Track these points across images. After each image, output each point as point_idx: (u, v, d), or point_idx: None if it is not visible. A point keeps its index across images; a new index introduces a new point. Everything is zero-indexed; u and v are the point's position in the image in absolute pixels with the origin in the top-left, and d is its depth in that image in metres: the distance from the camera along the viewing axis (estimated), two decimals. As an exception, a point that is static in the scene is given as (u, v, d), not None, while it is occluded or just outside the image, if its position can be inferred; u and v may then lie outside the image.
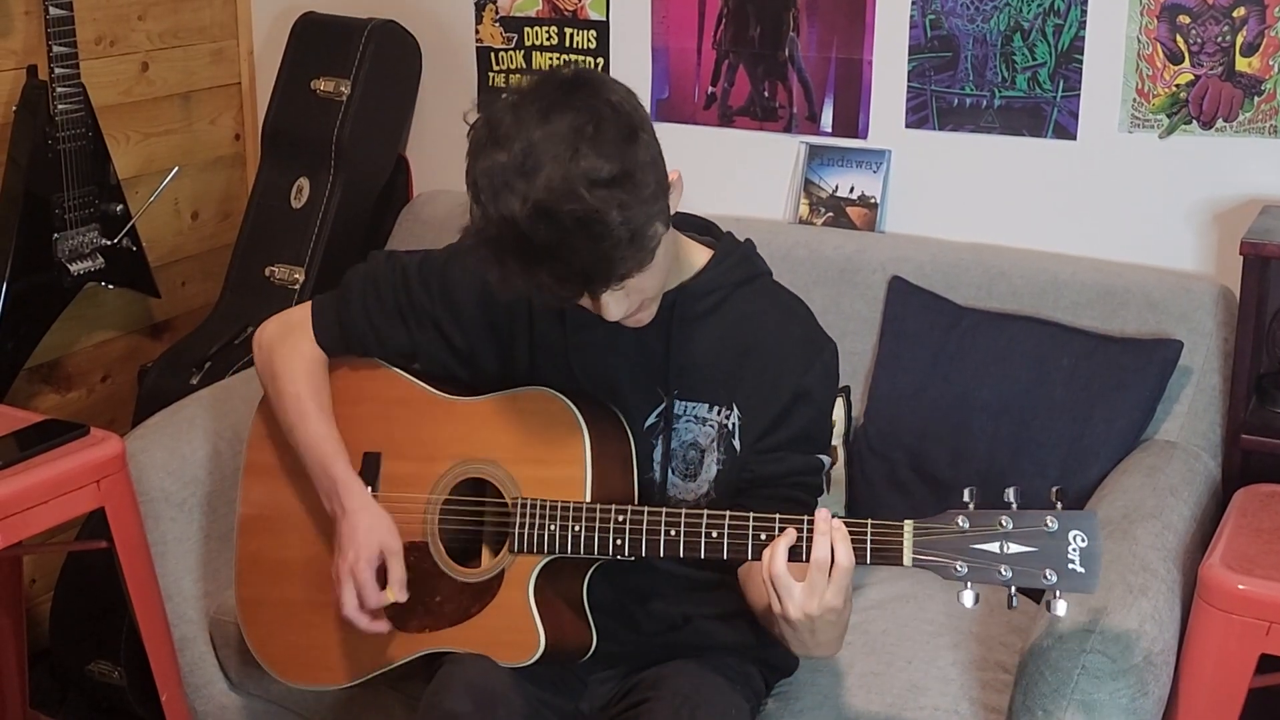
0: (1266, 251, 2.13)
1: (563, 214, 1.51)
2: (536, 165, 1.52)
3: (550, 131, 1.53)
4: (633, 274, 1.60)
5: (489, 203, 1.54)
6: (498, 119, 1.56)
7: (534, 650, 1.76)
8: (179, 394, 2.52)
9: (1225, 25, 2.35)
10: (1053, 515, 1.51)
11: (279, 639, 2.01)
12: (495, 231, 1.55)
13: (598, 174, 1.52)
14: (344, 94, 2.87)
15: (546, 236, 1.52)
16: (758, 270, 1.86)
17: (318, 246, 2.88)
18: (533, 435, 1.80)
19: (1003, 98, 2.52)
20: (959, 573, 1.54)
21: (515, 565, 1.79)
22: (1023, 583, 1.52)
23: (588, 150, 1.52)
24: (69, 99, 2.57)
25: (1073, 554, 1.50)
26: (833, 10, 2.61)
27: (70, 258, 2.64)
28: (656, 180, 1.59)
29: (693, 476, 1.82)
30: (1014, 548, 1.52)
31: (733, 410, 1.80)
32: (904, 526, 1.57)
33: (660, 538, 1.69)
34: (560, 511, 1.75)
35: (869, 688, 1.97)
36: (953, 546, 1.54)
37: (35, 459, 2.08)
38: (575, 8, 2.82)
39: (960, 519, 1.55)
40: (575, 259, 1.54)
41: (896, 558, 1.57)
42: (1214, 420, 2.28)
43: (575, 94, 1.56)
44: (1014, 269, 2.42)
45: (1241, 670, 1.82)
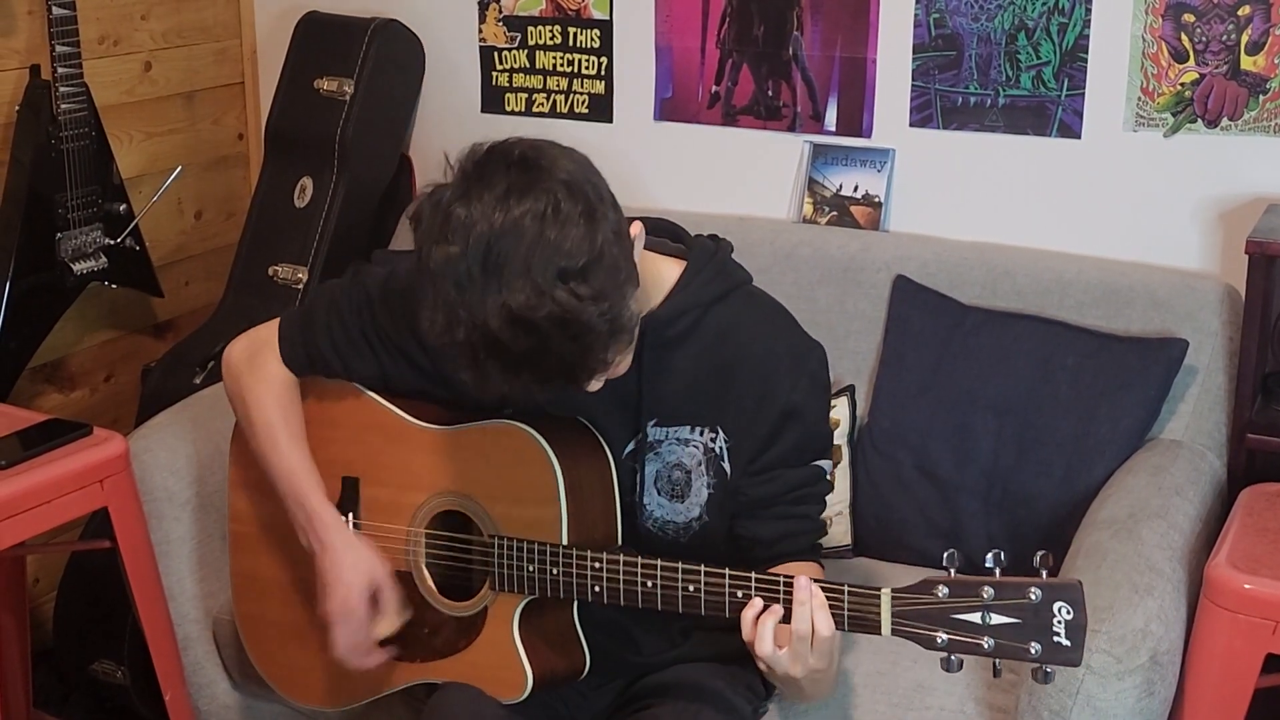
0: (1272, 250, 2.13)
1: (538, 321, 1.44)
2: (500, 262, 1.44)
3: (509, 221, 1.45)
4: (615, 360, 1.55)
5: (457, 306, 1.46)
6: (447, 209, 1.48)
7: (522, 689, 1.74)
8: (182, 393, 2.52)
9: (1230, 24, 2.34)
10: (1036, 586, 1.45)
11: (281, 656, 2.00)
12: (465, 336, 1.47)
13: (567, 266, 1.45)
14: (347, 93, 2.87)
15: (526, 344, 1.45)
16: (734, 281, 1.78)
17: (321, 246, 2.88)
18: (505, 472, 1.75)
19: (1007, 96, 2.51)
20: (940, 643, 1.49)
21: (498, 602, 1.77)
22: (1006, 655, 1.47)
23: (552, 238, 1.45)
24: (72, 98, 2.57)
25: (1057, 626, 1.44)
26: (837, 9, 2.61)
27: (73, 257, 2.63)
28: (623, 254, 1.52)
29: (680, 498, 1.77)
30: (996, 619, 1.47)
31: (718, 433, 1.75)
32: (881, 596, 1.52)
33: (637, 589, 1.66)
34: (538, 554, 1.71)
35: (874, 687, 1.97)
36: (933, 617, 1.49)
37: (38, 459, 2.08)
38: (579, 7, 2.82)
39: (940, 588, 1.49)
40: (559, 359, 1.48)
41: (874, 627, 1.53)
42: (1219, 419, 2.28)
43: (526, 174, 1.48)
44: (1019, 268, 2.42)
45: (1247, 670, 1.82)
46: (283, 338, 1.89)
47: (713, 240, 1.82)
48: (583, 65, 2.85)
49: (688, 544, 1.79)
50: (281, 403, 1.87)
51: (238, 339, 1.95)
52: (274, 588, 1.98)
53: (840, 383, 2.41)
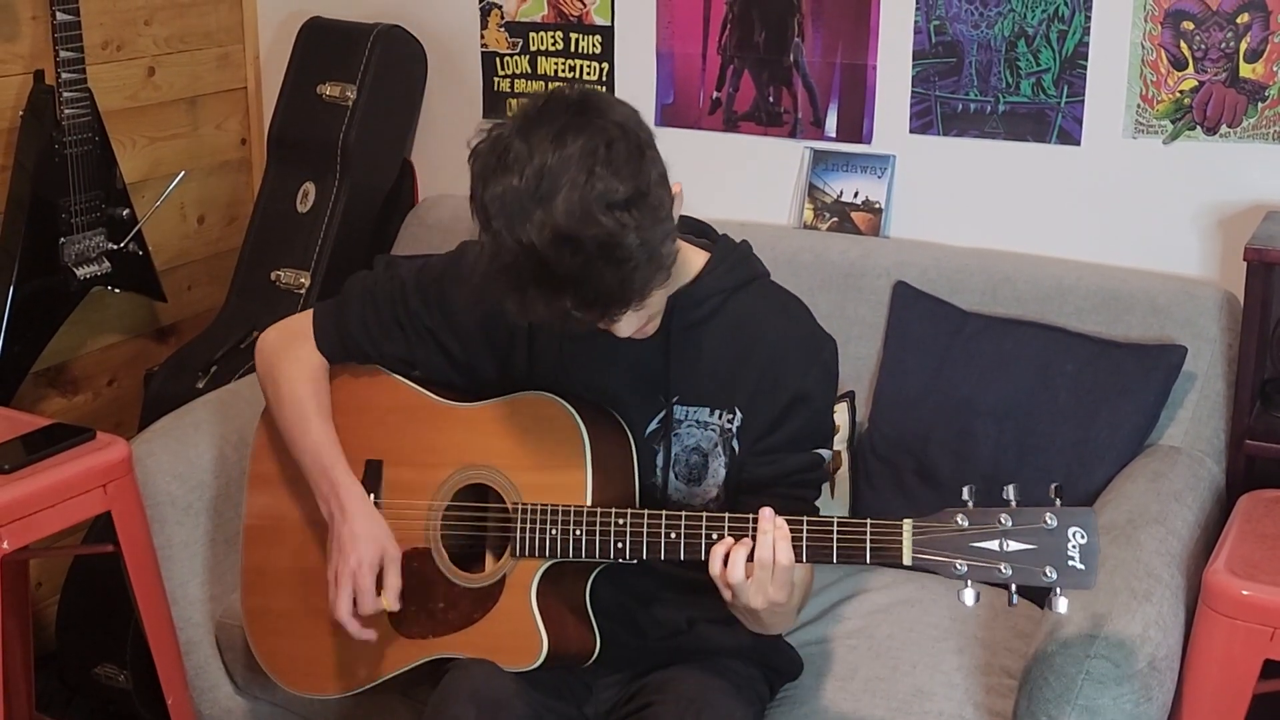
0: (1270, 257, 2.14)
1: (585, 239, 1.51)
2: (552, 189, 1.51)
3: (563, 155, 1.53)
4: (652, 293, 1.61)
5: (504, 230, 1.53)
6: (505, 143, 1.56)
7: (537, 655, 1.77)
8: (185, 398, 2.52)
9: (1229, 31, 2.35)
10: (1051, 512, 1.51)
11: (286, 649, 2.01)
12: (512, 259, 1.54)
13: (614, 196, 1.52)
14: (350, 99, 2.88)
15: (570, 263, 1.52)
16: (755, 272, 1.86)
17: (323, 251, 2.89)
18: (533, 440, 1.80)
19: (1007, 103, 2.52)
20: (959, 571, 1.54)
21: (517, 570, 1.80)
22: (1022, 580, 1.52)
23: (602, 172, 1.52)
24: (76, 104, 2.58)
25: (1072, 550, 1.50)
26: (837, 15, 2.62)
27: (76, 262, 2.64)
28: (666, 197, 1.60)
29: (697, 481, 1.82)
30: (1013, 545, 1.52)
31: (735, 414, 1.80)
32: (903, 525, 1.58)
33: (661, 540, 1.70)
34: (561, 516, 1.75)
35: (874, 692, 1.97)
36: (952, 545, 1.55)
37: (42, 463, 2.08)
38: (580, 13, 2.83)
39: (959, 517, 1.55)
40: (599, 283, 1.54)
41: (896, 557, 1.57)
42: (1218, 426, 2.28)
43: (583, 115, 1.56)
44: (1018, 274, 2.43)
45: (1245, 676, 1.82)
46: (317, 323, 1.96)
47: (730, 239, 1.89)
48: (584, 71, 2.85)
49: None
50: (313, 383, 1.93)
51: (271, 328, 2.01)
52: (284, 579, 2.00)
53: (840, 388, 2.40)
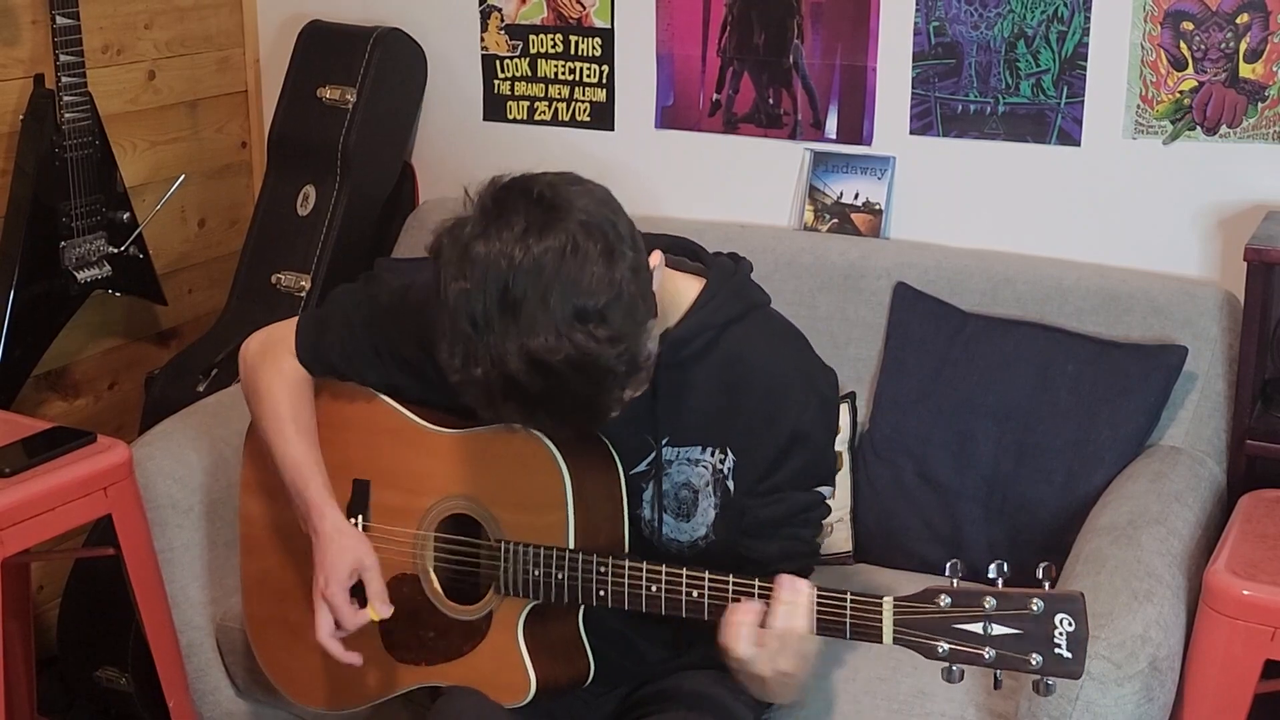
0: (1270, 257, 2.14)
1: (557, 363, 1.45)
2: (520, 300, 1.45)
3: (530, 260, 1.46)
4: (631, 398, 1.56)
5: (475, 345, 1.47)
6: (467, 243, 1.49)
7: (525, 693, 1.75)
8: (186, 401, 2.52)
9: (1229, 31, 2.35)
10: (1038, 597, 1.46)
11: (288, 660, 2.01)
12: (484, 376, 1.48)
13: (586, 308, 1.46)
14: (350, 102, 2.88)
15: (543, 386, 1.47)
16: (751, 303, 1.78)
17: (324, 254, 2.89)
18: (514, 476, 1.76)
19: (1007, 104, 2.52)
20: (941, 652, 1.49)
21: (503, 606, 1.78)
22: (1007, 665, 1.48)
23: (572, 280, 1.45)
24: (76, 107, 2.58)
25: (1059, 638, 1.45)
26: (837, 17, 2.62)
27: (77, 265, 2.64)
28: (641, 290, 1.52)
29: (686, 517, 1.78)
30: (998, 629, 1.47)
31: (727, 454, 1.76)
32: (883, 604, 1.52)
33: (642, 593, 1.67)
34: (543, 557, 1.72)
35: (875, 693, 1.97)
36: (935, 627, 1.50)
37: (43, 466, 2.08)
38: (580, 15, 2.83)
39: (942, 597, 1.49)
40: (575, 401, 1.49)
41: (876, 636, 1.53)
42: (1219, 426, 2.28)
43: (547, 214, 1.48)
44: (1019, 275, 2.43)
45: (1246, 676, 1.82)
46: (299, 340, 1.91)
47: (732, 260, 1.82)
48: (584, 73, 2.86)
49: (693, 560, 1.79)
50: (293, 396, 1.89)
51: (254, 335, 1.98)
52: (283, 590, 1.99)
53: (841, 389, 2.41)
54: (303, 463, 1.85)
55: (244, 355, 1.96)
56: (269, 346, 1.93)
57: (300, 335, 1.91)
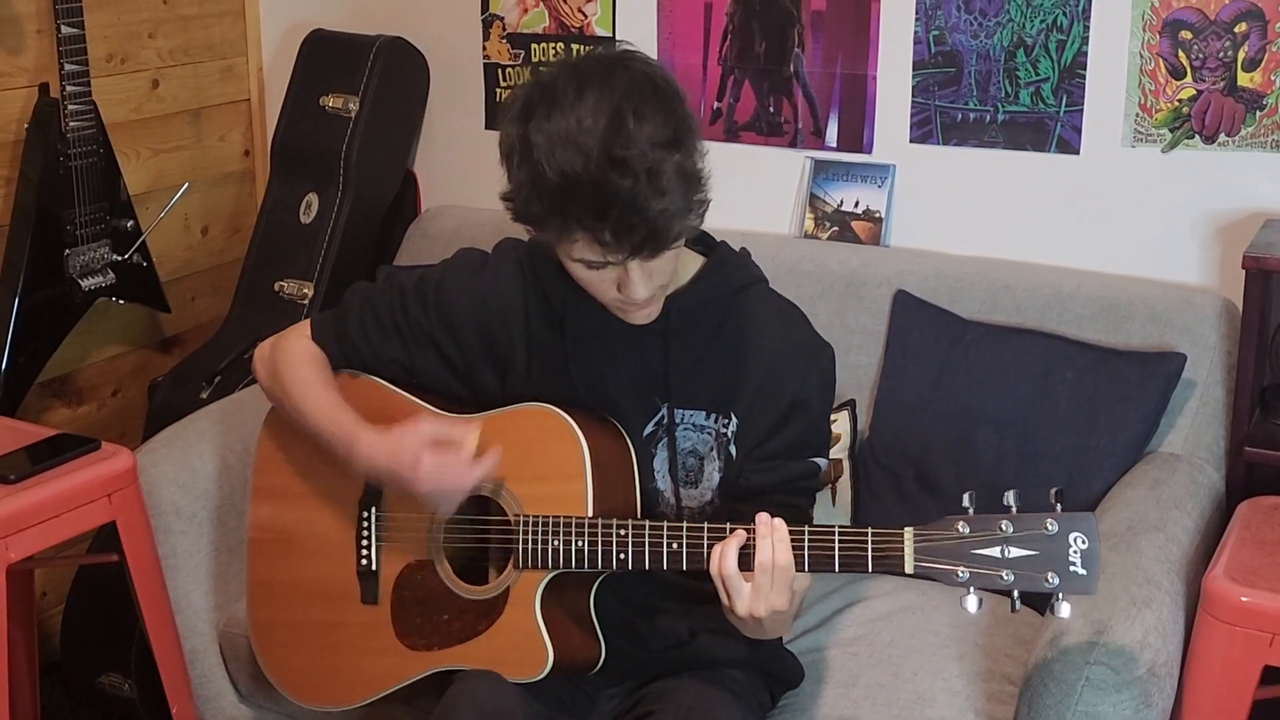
0: (1269, 265, 2.15)
1: (634, 165, 1.55)
2: (601, 118, 1.56)
3: (611, 94, 1.58)
4: (683, 236, 1.64)
5: (550, 157, 1.57)
6: (552, 83, 1.61)
7: (543, 666, 1.77)
8: (189, 408, 2.53)
9: (1227, 40, 2.36)
10: (1052, 518, 1.52)
11: (293, 661, 2.02)
12: (557, 185, 1.57)
13: (658, 135, 1.57)
14: (352, 110, 2.90)
15: (619, 186, 1.55)
16: (753, 277, 1.87)
17: (326, 261, 2.90)
18: (532, 452, 1.80)
19: (1006, 113, 2.53)
20: (961, 578, 1.54)
21: (520, 582, 1.80)
22: (1024, 586, 1.53)
23: (648, 112, 1.58)
24: (80, 116, 2.59)
25: (1073, 556, 1.50)
26: (837, 26, 2.63)
27: (81, 273, 2.65)
28: (698, 144, 1.64)
29: (694, 484, 1.83)
30: (1015, 552, 1.52)
31: (730, 419, 1.81)
32: (904, 534, 1.58)
33: (663, 550, 1.70)
34: (563, 526, 1.75)
35: (875, 699, 1.98)
36: (953, 553, 1.55)
37: (47, 473, 2.09)
38: (581, 24, 2.84)
39: (960, 525, 1.55)
40: (645, 209, 1.57)
41: (898, 565, 1.58)
42: (1218, 433, 2.29)
43: (627, 63, 1.63)
44: (1018, 282, 2.43)
45: (1245, 682, 1.83)
46: (314, 326, 1.97)
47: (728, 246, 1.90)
48: (586, 82, 2.86)
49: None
50: (314, 363, 1.94)
51: (266, 340, 2.02)
52: (291, 592, 2.01)
53: (841, 396, 2.42)
54: (334, 405, 1.88)
55: (259, 355, 2.01)
56: (283, 337, 1.98)
57: (316, 323, 1.97)
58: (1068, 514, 1.52)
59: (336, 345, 1.95)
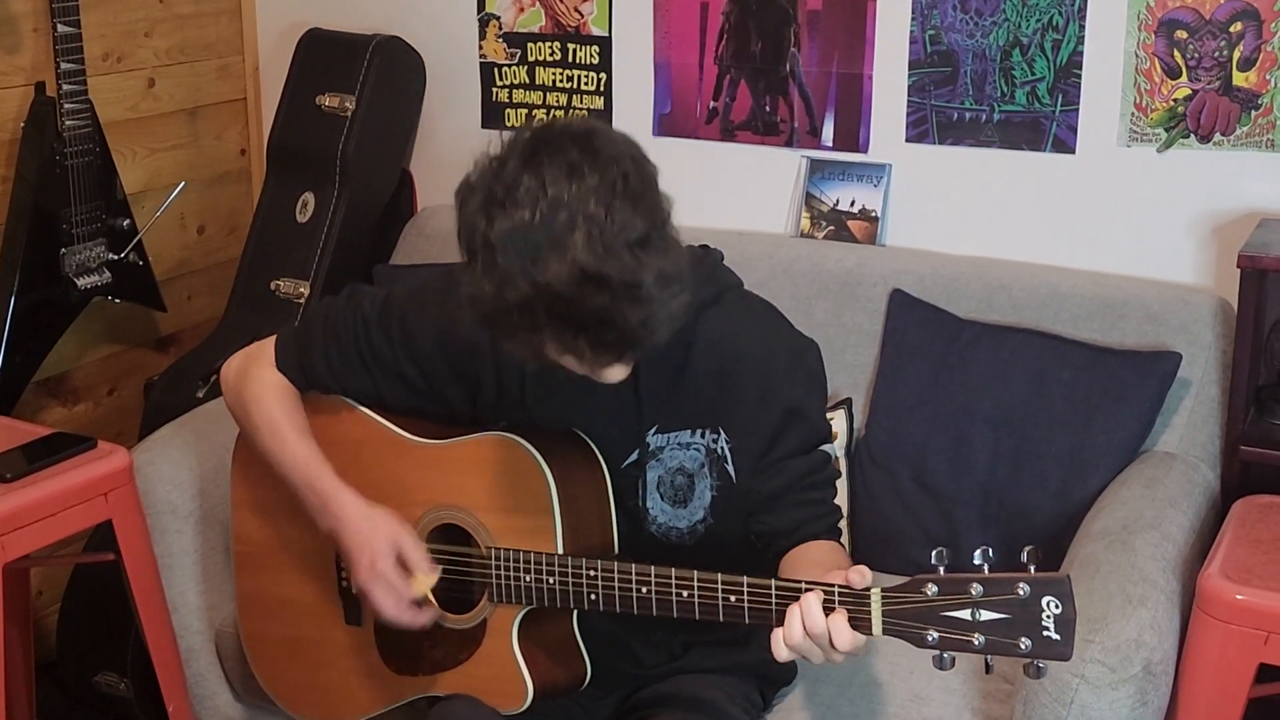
0: (1264, 264, 2.15)
1: (609, 278, 1.45)
2: (571, 226, 1.45)
3: (581, 189, 1.46)
4: (665, 337, 1.54)
5: (518, 269, 1.46)
6: (512, 177, 1.49)
7: (523, 699, 1.76)
8: (185, 407, 2.53)
9: (1222, 40, 2.36)
10: (1024, 581, 1.45)
11: (286, 675, 2.01)
12: (524, 299, 1.47)
13: (633, 234, 1.47)
14: (349, 109, 2.89)
15: (593, 303, 1.46)
16: (724, 284, 1.80)
17: (323, 260, 2.90)
18: (499, 483, 1.77)
19: (1002, 112, 2.54)
20: (930, 641, 1.49)
21: (497, 614, 1.79)
22: (996, 650, 1.47)
23: (621, 207, 1.47)
24: (77, 115, 2.59)
25: (1046, 621, 1.44)
26: (833, 26, 2.63)
27: (77, 272, 2.65)
28: (675, 235, 1.55)
29: (683, 503, 1.79)
30: (986, 615, 1.46)
31: (719, 434, 1.77)
32: (871, 595, 1.52)
33: (633, 595, 1.67)
34: (533, 564, 1.73)
35: (871, 698, 1.98)
36: (922, 616, 1.49)
37: (43, 472, 2.09)
38: (578, 23, 2.85)
39: (929, 586, 1.49)
40: (622, 324, 1.48)
41: (865, 627, 1.52)
42: (1213, 432, 2.30)
43: (592, 148, 1.50)
44: (1014, 282, 2.44)
45: (1240, 680, 1.83)
46: (279, 355, 1.91)
47: (702, 250, 1.83)
48: (582, 81, 2.87)
49: (694, 547, 1.80)
50: (282, 401, 1.89)
51: (233, 356, 1.97)
52: (279, 606, 2.00)
53: (838, 396, 2.42)
54: (308, 459, 1.85)
55: (224, 378, 1.96)
56: (248, 363, 1.93)
57: (280, 348, 1.92)
58: (1041, 576, 1.45)
59: (300, 372, 1.90)
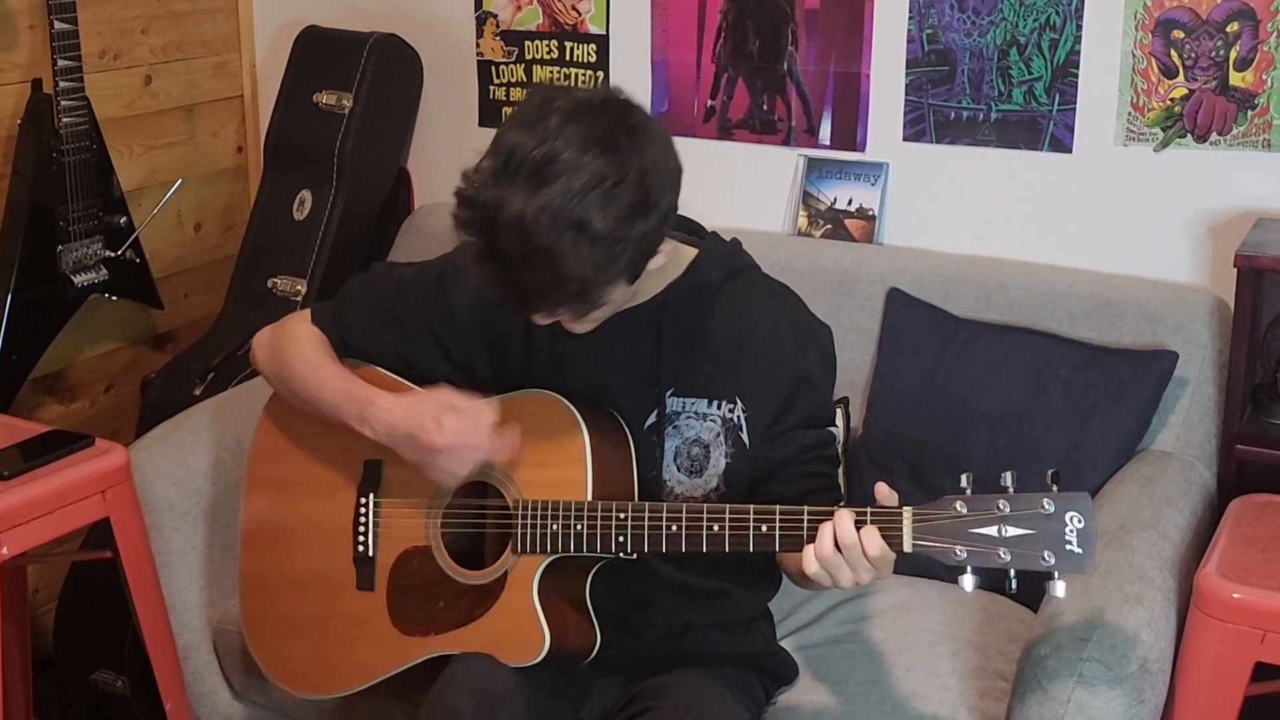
0: (1260, 263, 2.15)
1: (534, 239, 1.54)
2: (545, 180, 1.55)
3: (578, 162, 1.55)
4: (562, 318, 1.67)
5: (492, 179, 1.57)
6: (548, 107, 1.58)
7: (539, 649, 1.78)
8: (182, 405, 2.53)
9: (1219, 40, 2.37)
10: (1049, 497, 1.52)
11: (286, 652, 2.02)
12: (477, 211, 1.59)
13: (588, 227, 1.55)
14: (346, 107, 2.89)
15: (509, 247, 1.56)
16: (744, 264, 1.88)
17: (320, 258, 2.90)
18: (532, 437, 1.81)
19: (999, 111, 2.54)
20: (958, 557, 1.54)
21: (518, 566, 1.81)
22: (1021, 565, 1.53)
23: (595, 201, 1.55)
24: (73, 112, 2.58)
25: (1069, 535, 1.51)
26: (831, 24, 2.63)
27: (74, 269, 2.65)
28: (636, 257, 1.62)
29: (698, 473, 1.83)
30: (1011, 531, 1.53)
31: (736, 403, 1.81)
32: (903, 513, 1.58)
33: (662, 533, 1.71)
34: (562, 511, 1.76)
35: (868, 696, 1.98)
36: (951, 531, 1.55)
37: (40, 469, 2.09)
38: (575, 21, 2.85)
39: (958, 504, 1.55)
40: (520, 279, 1.58)
41: (897, 544, 1.57)
42: (1209, 431, 2.30)
43: (622, 141, 1.58)
44: (1011, 281, 2.44)
45: (1237, 678, 1.84)
46: (314, 312, 1.99)
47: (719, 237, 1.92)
48: (579, 79, 2.87)
49: None
50: (317, 341, 1.95)
51: (264, 329, 2.03)
52: (283, 582, 2.01)
53: (836, 393, 2.42)
54: (342, 375, 1.91)
55: (258, 340, 2.02)
56: (283, 323, 2.00)
57: (315, 310, 2.00)
58: (1064, 494, 1.52)
59: (337, 334, 1.96)
